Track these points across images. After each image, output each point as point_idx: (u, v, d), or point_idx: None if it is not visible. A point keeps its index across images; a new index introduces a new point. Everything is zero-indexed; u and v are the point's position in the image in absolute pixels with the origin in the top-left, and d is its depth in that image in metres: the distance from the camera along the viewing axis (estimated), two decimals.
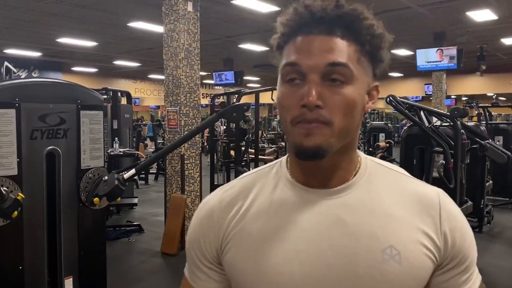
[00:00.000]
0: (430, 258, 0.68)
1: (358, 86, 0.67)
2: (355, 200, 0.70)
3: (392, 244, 0.67)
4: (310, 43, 0.66)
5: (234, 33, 10.82)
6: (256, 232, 0.71)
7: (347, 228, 0.68)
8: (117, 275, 4.19)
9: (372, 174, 0.73)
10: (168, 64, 4.92)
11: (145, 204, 7.21)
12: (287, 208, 0.71)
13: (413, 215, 0.69)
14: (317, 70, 0.65)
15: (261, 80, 21.94)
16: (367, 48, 0.69)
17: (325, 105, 0.65)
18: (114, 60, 15.19)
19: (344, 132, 0.67)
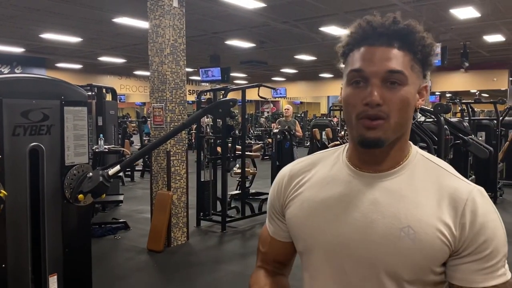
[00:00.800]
0: (443, 242, 0.80)
1: (411, 87, 0.83)
2: (392, 186, 0.85)
3: (410, 225, 0.81)
4: (372, 53, 0.83)
5: (220, 29, 10.78)
6: (310, 197, 0.92)
7: (378, 206, 0.84)
8: (103, 272, 4.17)
9: (417, 166, 0.88)
10: (153, 60, 4.89)
11: (131, 201, 7.17)
12: (337, 183, 0.90)
13: (438, 206, 0.82)
14: (378, 75, 0.81)
15: (248, 77, 21.92)
16: (419, 56, 0.85)
17: (384, 103, 0.81)
18: (99, 56, 15.01)
19: (399, 125, 0.83)
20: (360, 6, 8.68)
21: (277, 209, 1.00)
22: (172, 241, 4.89)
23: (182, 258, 4.61)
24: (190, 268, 4.34)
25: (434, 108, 4.26)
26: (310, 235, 0.90)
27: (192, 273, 4.19)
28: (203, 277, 4.09)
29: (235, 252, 4.89)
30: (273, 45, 12.59)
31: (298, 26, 10.39)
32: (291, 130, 7.67)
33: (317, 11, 9.11)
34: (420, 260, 0.81)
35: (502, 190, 7.55)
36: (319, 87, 22.86)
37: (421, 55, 0.85)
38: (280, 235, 1.02)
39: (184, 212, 5.04)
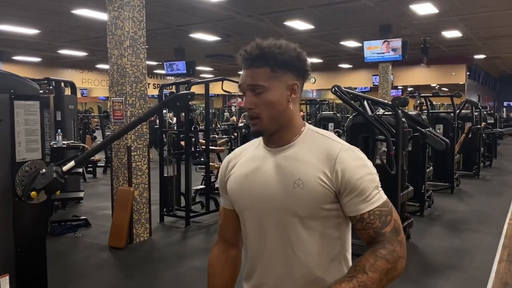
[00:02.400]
0: (323, 186, 1.12)
1: (273, 90, 1.15)
2: (290, 154, 1.17)
3: (300, 178, 1.13)
4: (243, 73, 1.18)
5: (184, 22, 10.65)
6: (240, 172, 1.25)
7: (280, 168, 1.17)
8: (61, 271, 4.06)
9: (306, 138, 1.19)
10: (112, 53, 4.77)
11: (93, 198, 7.01)
12: (257, 158, 1.23)
13: (319, 162, 1.14)
14: (247, 88, 1.17)
15: (214, 71, 21.77)
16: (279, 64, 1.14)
17: (255, 107, 1.15)
18: (59, 49, 14.54)
19: (271, 119, 1.16)
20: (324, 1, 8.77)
21: (222, 185, 1.32)
22: (135, 237, 4.81)
23: (144, 254, 4.55)
24: (152, 264, 4.29)
25: (392, 102, 4.36)
26: (241, 198, 1.23)
27: (154, 269, 4.14)
28: (165, 273, 4.05)
29: (198, 247, 4.87)
30: (239, 38, 12.56)
31: (263, 20, 10.40)
32: None
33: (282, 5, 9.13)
34: (309, 201, 1.12)
35: (458, 181, 7.84)
36: None
37: (281, 63, 1.14)
38: (228, 204, 1.33)
39: (146, 208, 4.97)
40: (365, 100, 4.55)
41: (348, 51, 15.23)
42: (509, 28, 11.66)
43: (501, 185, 7.76)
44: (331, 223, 1.17)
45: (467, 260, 4.31)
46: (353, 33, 11.97)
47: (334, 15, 9.81)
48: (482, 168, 9.45)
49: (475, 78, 20.28)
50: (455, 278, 3.86)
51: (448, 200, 6.85)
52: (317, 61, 17.88)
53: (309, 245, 1.16)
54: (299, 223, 1.15)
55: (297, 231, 1.15)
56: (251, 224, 1.23)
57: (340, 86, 4.35)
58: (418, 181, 5.81)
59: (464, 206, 6.60)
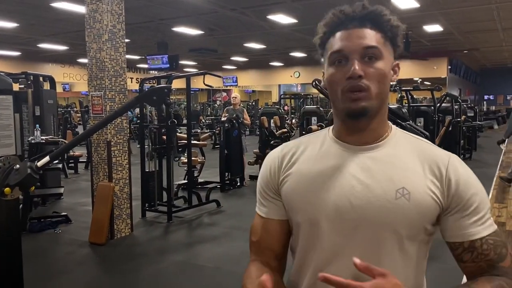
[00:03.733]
0: (434, 199, 0.89)
1: (386, 62, 0.92)
2: (381, 155, 0.94)
3: (404, 186, 0.90)
4: (349, 35, 0.92)
5: (167, 15, 10.53)
6: (305, 170, 0.98)
7: (372, 173, 0.92)
8: (41, 268, 4.01)
9: (399, 139, 0.97)
10: (91, 47, 4.70)
11: (74, 194, 6.92)
12: (329, 157, 0.97)
13: (425, 169, 0.92)
14: (357, 52, 0.90)
15: (198, 65, 21.63)
16: (389, 34, 0.94)
17: (365, 75, 0.89)
18: (39, 43, 14.26)
19: (379, 96, 0.92)
20: None
21: (273, 188, 1.03)
22: (116, 233, 4.77)
23: (125, 250, 4.52)
24: (134, 259, 4.27)
25: None
26: (311, 205, 0.95)
27: (135, 265, 4.12)
28: (146, 268, 4.03)
29: (180, 242, 4.85)
30: (222, 32, 12.49)
31: (247, 14, 10.35)
32: (239, 118, 7.68)
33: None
34: (415, 217, 0.89)
35: None
36: (270, 75, 23.00)
37: (390, 34, 0.94)
38: (275, 213, 1.03)
39: (128, 204, 4.93)
40: None
41: None
42: (488, 23, 11.82)
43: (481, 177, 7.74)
44: (423, 251, 0.96)
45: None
46: None
47: (317, 9, 9.80)
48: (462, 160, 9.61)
49: (456, 72, 20.56)
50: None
51: None
52: (301, 55, 17.90)
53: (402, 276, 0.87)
54: (397, 245, 0.90)
55: (393, 255, 0.90)
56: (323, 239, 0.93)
57: (320, 80, 4.35)
58: None
59: None
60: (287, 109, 19.01)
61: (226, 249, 4.50)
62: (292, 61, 20.04)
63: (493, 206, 6.09)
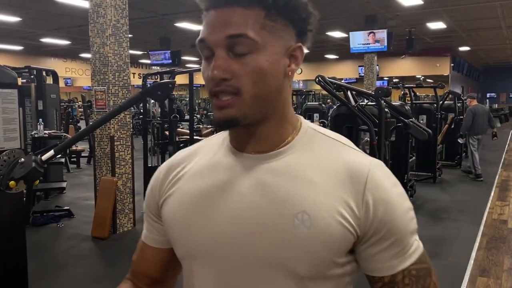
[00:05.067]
0: (345, 227, 0.67)
1: (267, 52, 0.67)
2: (281, 166, 0.71)
3: (305, 209, 0.67)
4: (215, 18, 0.68)
5: (170, 11, 10.52)
6: (189, 190, 0.76)
7: (267, 191, 0.70)
8: (44, 261, 4.03)
9: (307, 143, 0.73)
10: (94, 41, 4.70)
11: (76, 188, 6.94)
12: (219, 170, 0.74)
13: (337, 184, 0.69)
14: (220, 44, 0.66)
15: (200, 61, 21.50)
16: (274, 11, 0.67)
17: (233, 76, 0.66)
18: (42, 37, 14.26)
19: (258, 99, 0.68)
20: None
21: (152, 209, 0.83)
22: (118, 227, 4.79)
23: (128, 245, 4.53)
24: None
25: (374, 92, 4.39)
26: (189, 235, 0.74)
27: None
28: None
29: None
30: None
31: None
32: None
33: None
34: (319, 251, 0.67)
35: (440, 171, 7.95)
36: None
37: (276, 9, 0.67)
38: (152, 239, 0.85)
39: (130, 198, 4.94)
40: (349, 90, 4.57)
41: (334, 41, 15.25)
42: (492, 20, 11.78)
43: (483, 175, 7.87)
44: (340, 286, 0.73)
45: (447, 248, 4.40)
46: (339, 23, 11.97)
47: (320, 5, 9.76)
48: (464, 158, 9.60)
49: (459, 69, 20.51)
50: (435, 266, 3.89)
51: (430, 190, 6.95)
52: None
53: None
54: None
55: None
56: (205, 283, 0.74)
57: (324, 77, 4.35)
58: (400, 171, 5.87)
59: (446, 195, 6.71)
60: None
61: None
62: None
63: (495, 204, 6.10)
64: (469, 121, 7.51)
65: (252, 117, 0.69)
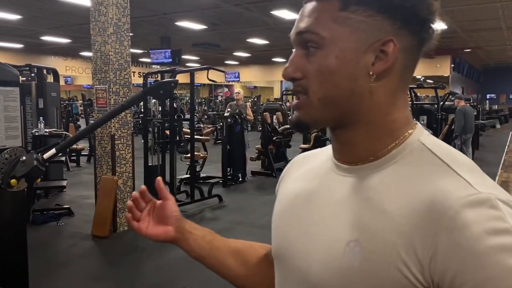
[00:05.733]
0: (402, 272, 0.53)
1: (337, 48, 0.59)
2: (360, 184, 0.62)
3: (359, 239, 0.57)
4: (300, 14, 0.65)
5: (170, 10, 10.51)
6: (289, 191, 0.75)
7: (339, 209, 0.62)
8: (44, 260, 4.03)
9: (407, 160, 0.60)
10: (96, 40, 4.70)
11: (76, 187, 6.94)
12: (315, 176, 0.71)
13: (410, 217, 0.54)
14: (295, 41, 0.64)
15: (200, 60, 21.61)
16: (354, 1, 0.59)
17: (304, 75, 0.62)
18: (42, 35, 14.25)
19: (327, 102, 0.61)
20: None
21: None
22: (118, 226, 4.79)
23: (128, 243, 4.54)
24: (136, 253, 4.28)
25: None
26: (276, 237, 0.74)
27: (138, 258, 4.13)
28: (149, 262, 4.04)
29: None
30: (226, 27, 12.46)
31: (250, 9, 10.32)
32: (241, 114, 7.68)
33: None
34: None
35: None
36: (272, 71, 22.97)
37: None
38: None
39: (131, 197, 4.92)
40: None
41: None
42: (493, 21, 11.79)
43: None
44: None
45: None
46: None
47: None
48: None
49: (459, 70, 20.52)
50: None
51: None
52: None
53: None
54: None
55: None
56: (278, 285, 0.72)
57: None
58: None
59: None
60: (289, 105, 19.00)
61: None
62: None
63: None
64: (462, 121, 7.53)
65: (322, 121, 0.63)
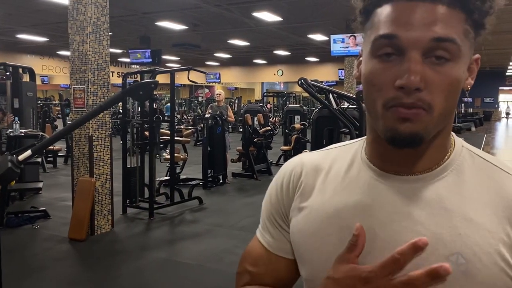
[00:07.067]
0: (506, 272, 0.57)
1: (463, 62, 0.58)
2: (431, 194, 0.61)
3: (460, 251, 0.57)
4: (411, 12, 0.56)
5: (150, 9, 10.42)
6: (320, 205, 0.68)
7: (413, 223, 0.60)
8: (18, 264, 3.93)
9: (463, 167, 0.63)
10: (74, 39, 4.61)
11: (53, 189, 6.79)
12: (356, 188, 0.66)
13: (500, 222, 0.58)
14: (420, 45, 0.56)
15: (181, 60, 21.49)
16: (476, 16, 0.58)
17: (426, 86, 0.56)
18: (18, 33, 13.93)
19: (443, 116, 0.59)
20: None
21: (283, 214, 0.74)
22: (96, 229, 4.70)
23: (106, 246, 4.46)
24: (114, 256, 4.21)
25: (356, 95, 4.44)
26: (317, 258, 0.66)
27: (116, 261, 4.07)
28: (127, 265, 3.98)
29: (162, 238, 4.81)
30: (206, 28, 12.42)
31: (231, 10, 10.32)
32: (222, 115, 7.65)
33: None
34: None
35: None
36: (253, 73, 23.02)
37: (478, 15, 0.58)
38: (281, 248, 0.74)
39: (109, 199, 4.86)
40: (331, 93, 4.61)
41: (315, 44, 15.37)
42: None
43: None
44: None
45: None
46: (320, 26, 12.07)
47: (302, 8, 9.85)
48: None
49: None
50: None
51: None
52: (284, 53, 17.95)
53: None
54: None
55: None
56: None
57: (306, 79, 4.38)
58: None
59: None
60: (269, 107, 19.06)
61: (207, 246, 4.48)
62: (275, 59, 20.09)
63: None
64: None
65: (429, 135, 0.59)
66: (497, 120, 30.74)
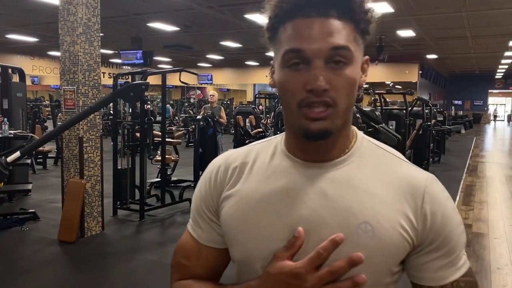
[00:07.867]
0: (405, 238, 0.71)
1: (356, 64, 0.72)
2: (341, 176, 0.74)
3: (367, 220, 0.70)
4: (310, 28, 0.68)
5: (142, 10, 10.38)
6: (248, 192, 0.77)
7: (327, 200, 0.72)
8: (7, 266, 3.89)
9: (365, 154, 0.77)
10: (64, 40, 4.57)
11: (42, 190, 6.73)
12: (279, 175, 0.76)
13: (396, 197, 0.72)
14: (322, 55, 0.68)
15: (173, 61, 21.42)
16: (362, 25, 0.71)
17: (331, 88, 0.68)
18: (8, 33, 13.80)
19: (346, 110, 0.71)
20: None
21: (212, 206, 0.82)
22: (86, 231, 4.67)
23: (96, 248, 4.43)
24: (104, 258, 4.18)
25: None
26: (249, 239, 0.75)
27: (106, 263, 4.04)
28: (117, 267, 3.96)
29: (152, 240, 4.79)
30: (198, 30, 12.40)
31: (223, 12, 10.32)
32: (214, 117, 7.64)
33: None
34: (380, 261, 0.71)
35: None
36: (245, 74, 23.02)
37: (364, 24, 0.71)
38: (211, 239, 0.82)
39: (99, 201, 4.82)
40: None
41: None
42: (458, 30, 12.19)
43: (449, 180, 8.12)
44: None
45: None
46: None
47: None
48: (431, 163, 9.87)
49: (426, 76, 21.12)
50: None
51: None
52: None
53: None
54: None
55: None
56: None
57: None
58: None
59: None
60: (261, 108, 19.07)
61: None
62: (268, 61, 20.10)
63: (460, 208, 6.29)
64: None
65: (340, 128, 0.72)
66: (487, 123, 31.04)
